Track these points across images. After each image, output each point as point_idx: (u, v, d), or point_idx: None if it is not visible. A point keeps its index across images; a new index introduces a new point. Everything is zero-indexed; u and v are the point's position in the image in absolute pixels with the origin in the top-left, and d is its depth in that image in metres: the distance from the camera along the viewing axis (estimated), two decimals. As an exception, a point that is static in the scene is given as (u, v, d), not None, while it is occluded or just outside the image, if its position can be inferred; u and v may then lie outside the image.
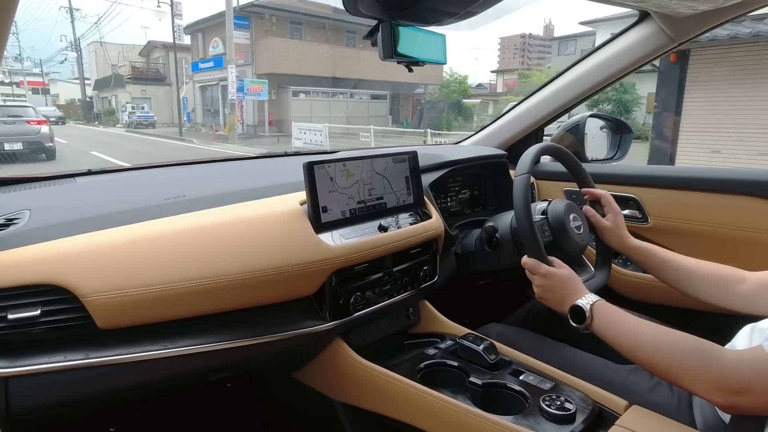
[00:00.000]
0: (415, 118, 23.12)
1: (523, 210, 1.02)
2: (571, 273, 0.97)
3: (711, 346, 0.74)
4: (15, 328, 0.76)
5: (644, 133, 10.52)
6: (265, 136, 18.98)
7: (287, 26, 22.10)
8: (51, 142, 10.71)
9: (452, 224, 1.39)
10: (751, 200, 1.27)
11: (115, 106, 32.36)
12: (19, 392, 0.76)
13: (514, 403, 0.91)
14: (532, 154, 1.10)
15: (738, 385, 0.69)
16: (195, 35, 24.79)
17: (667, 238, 1.42)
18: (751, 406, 0.69)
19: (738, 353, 0.71)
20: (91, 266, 0.80)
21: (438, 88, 24.29)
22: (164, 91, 30.72)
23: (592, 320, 0.87)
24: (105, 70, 33.88)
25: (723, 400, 0.70)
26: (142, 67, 32.50)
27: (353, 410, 1.07)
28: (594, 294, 0.91)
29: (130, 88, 30.67)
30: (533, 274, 0.98)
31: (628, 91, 14.00)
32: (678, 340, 0.77)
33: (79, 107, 38.03)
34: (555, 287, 0.95)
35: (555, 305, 0.95)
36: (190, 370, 0.91)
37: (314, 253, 0.94)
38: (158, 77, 31.72)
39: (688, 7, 1.16)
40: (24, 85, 41.38)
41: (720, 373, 0.70)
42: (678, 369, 0.75)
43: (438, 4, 0.88)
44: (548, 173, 1.66)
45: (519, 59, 75.84)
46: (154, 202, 1.01)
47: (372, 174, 1.08)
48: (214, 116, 24.06)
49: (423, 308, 1.24)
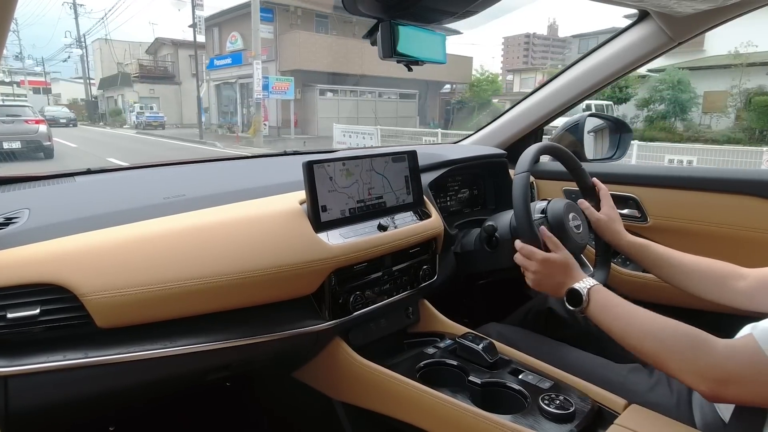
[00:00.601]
0: (443, 119, 22.40)
1: (522, 208, 1.02)
2: (568, 256, 0.96)
3: (702, 334, 0.73)
4: (14, 327, 0.76)
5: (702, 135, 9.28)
6: (290, 138, 17.81)
7: (313, 20, 20.83)
8: (49, 141, 10.88)
9: (452, 223, 1.39)
10: (750, 200, 1.27)
11: (121, 106, 31.10)
12: (18, 391, 0.76)
13: (514, 402, 0.91)
14: (531, 153, 1.10)
15: (725, 375, 0.68)
16: (210, 30, 22.96)
17: (667, 238, 1.42)
18: (737, 396, 0.69)
19: (728, 342, 0.71)
20: (91, 265, 0.80)
21: (466, 87, 23.57)
22: (173, 91, 29.50)
23: (589, 304, 0.87)
24: (110, 69, 32.60)
25: (708, 389, 0.70)
26: (150, 65, 31.12)
27: (353, 409, 1.07)
28: (591, 279, 0.92)
29: (138, 87, 29.28)
30: (529, 259, 0.98)
31: (686, 90, 12.78)
32: (670, 327, 0.77)
33: (83, 107, 36.95)
34: (552, 272, 0.95)
35: (552, 291, 0.95)
36: (190, 369, 0.91)
37: (314, 252, 0.94)
38: (166, 76, 30.40)
39: (688, 6, 1.16)
40: (25, 85, 40.55)
41: (708, 362, 0.70)
42: (667, 355, 0.75)
43: (437, 4, 0.88)
44: (548, 173, 1.66)
45: (523, 59, 75.92)
46: (154, 201, 1.01)
47: (371, 173, 1.08)
48: (230, 116, 22.97)
49: (422, 307, 1.24)
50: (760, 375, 0.66)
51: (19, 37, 38.88)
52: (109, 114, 31.96)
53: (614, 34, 1.48)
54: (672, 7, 1.18)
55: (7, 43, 0.65)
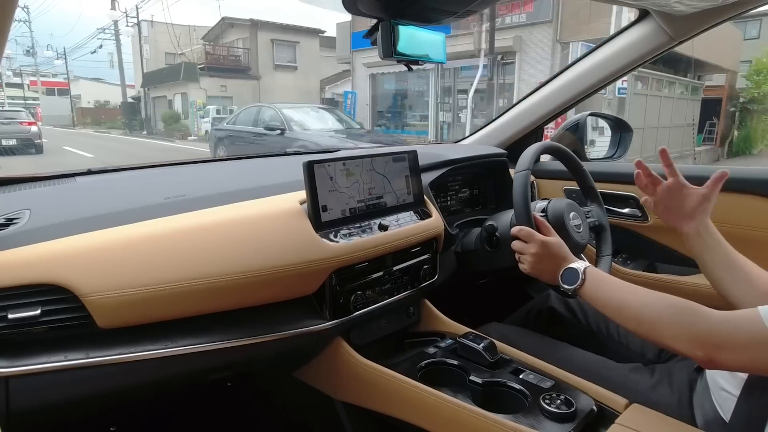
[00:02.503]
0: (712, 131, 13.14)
1: (522, 206, 1.02)
2: (561, 240, 0.98)
3: (698, 305, 0.74)
4: (15, 327, 0.76)
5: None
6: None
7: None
8: (39, 139, 13.30)
9: (452, 223, 1.39)
10: (752, 198, 1.27)
11: (180, 109, 21.89)
12: (19, 392, 0.76)
13: (515, 401, 0.91)
14: (532, 152, 1.11)
15: (720, 340, 0.69)
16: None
17: (668, 237, 1.42)
18: (731, 362, 0.69)
19: (726, 312, 0.71)
20: (92, 266, 0.80)
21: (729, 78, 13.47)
22: (250, 88, 21.18)
23: (584, 282, 0.88)
24: (157, 62, 24.36)
25: (703, 354, 0.70)
26: (219, 53, 22.21)
27: (353, 409, 1.07)
28: (585, 261, 0.93)
29: (206, 82, 20.56)
30: (527, 242, 0.99)
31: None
32: (667, 298, 0.77)
33: (117, 111, 28.10)
34: (551, 254, 0.96)
35: (548, 274, 0.96)
36: (191, 369, 0.91)
37: (314, 252, 0.94)
38: (239, 68, 21.90)
39: (688, 5, 1.16)
40: (37, 86, 34.15)
41: (703, 327, 0.71)
42: (663, 324, 0.75)
43: (437, 3, 0.88)
44: (548, 172, 1.66)
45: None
46: (154, 201, 1.01)
47: (372, 173, 1.08)
48: (396, 118, 14.96)
49: (423, 307, 1.24)
50: (754, 341, 0.66)
51: (30, 28, 31.52)
52: (162, 120, 21.66)
53: (614, 33, 1.49)
54: (672, 6, 1.18)
55: (17, 36, 0.61)
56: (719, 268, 0.91)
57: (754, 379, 0.74)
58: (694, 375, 0.91)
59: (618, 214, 1.52)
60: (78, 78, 34.43)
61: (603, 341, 1.12)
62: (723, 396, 0.81)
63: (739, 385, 0.76)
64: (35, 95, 33.77)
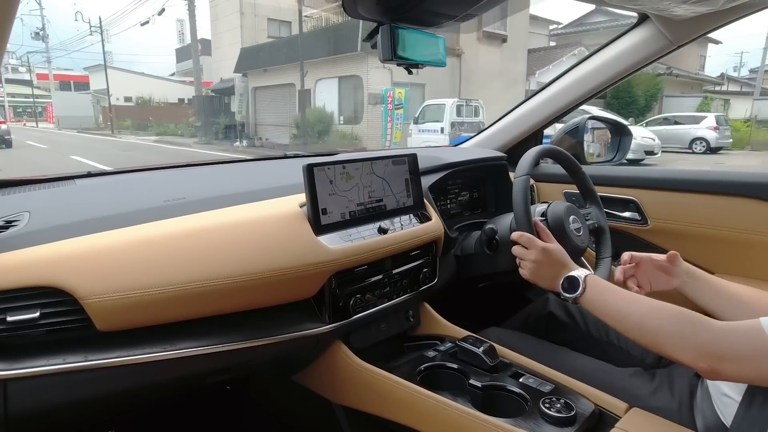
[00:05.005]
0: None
1: (522, 211, 1.02)
2: (562, 247, 0.98)
3: (700, 316, 0.74)
4: (14, 330, 0.76)
5: None
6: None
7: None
8: (9, 135, 15.67)
9: (452, 226, 1.39)
10: (751, 202, 1.27)
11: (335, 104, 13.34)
12: (17, 395, 0.76)
13: (514, 405, 0.91)
14: (531, 155, 1.11)
15: (722, 352, 0.69)
16: None
17: (667, 240, 1.42)
18: (734, 373, 0.69)
19: (729, 323, 0.72)
20: (91, 269, 0.80)
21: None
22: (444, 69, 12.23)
23: (585, 290, 0.88)
24: (251, 37, 15.99)
25: (706, 365, 0.70)
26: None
27: (353, 413, 1.07)
28: (586, 269, 0.93)
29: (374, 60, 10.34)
30: (528, 248, 0.99)
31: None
32: (669, 308, 0.77)
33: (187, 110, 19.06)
34: (551, 261, 0.95)
35: (548, 281, 0.96)
36: (190, 372, 0.91)
37: (314, 255, 0.94)
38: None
39: (687, 9, 1.17)
40: (49, 80, 26.12)
41: (706, 338, 0.71)
42: (666, 334, 0.75)
43: (437, 7, 0.88)
44: (548, 175, 1.66)
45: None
46: (154, 204, 1.01)
47: (371, 176, 1.08)
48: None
49: (423, 310, 1.24)
50: (757, 352, 0.66)
51: (41, 6, 23.45)
52: (310, 123, 12.96)
53: (614, 37, 1.49)
54: (671, 10, 1.19)
55: (23, 14, 0.55)
56: (714, 302, 0.93)
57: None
58: (694, 380, 0.91)
59: (618, 217, 1.52)
60: (99, 66, 23.69)
61: (602, 346, 1.12)
62: (724, 401, 0.80)
63: (741, 390, 0.76)
64: (45, 93, 25.85)
